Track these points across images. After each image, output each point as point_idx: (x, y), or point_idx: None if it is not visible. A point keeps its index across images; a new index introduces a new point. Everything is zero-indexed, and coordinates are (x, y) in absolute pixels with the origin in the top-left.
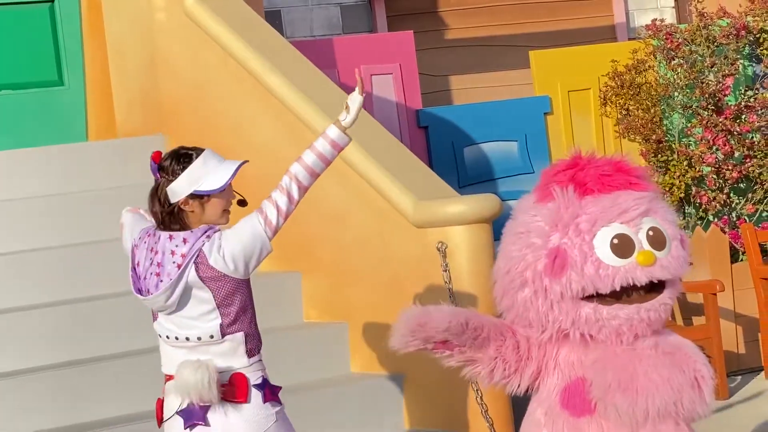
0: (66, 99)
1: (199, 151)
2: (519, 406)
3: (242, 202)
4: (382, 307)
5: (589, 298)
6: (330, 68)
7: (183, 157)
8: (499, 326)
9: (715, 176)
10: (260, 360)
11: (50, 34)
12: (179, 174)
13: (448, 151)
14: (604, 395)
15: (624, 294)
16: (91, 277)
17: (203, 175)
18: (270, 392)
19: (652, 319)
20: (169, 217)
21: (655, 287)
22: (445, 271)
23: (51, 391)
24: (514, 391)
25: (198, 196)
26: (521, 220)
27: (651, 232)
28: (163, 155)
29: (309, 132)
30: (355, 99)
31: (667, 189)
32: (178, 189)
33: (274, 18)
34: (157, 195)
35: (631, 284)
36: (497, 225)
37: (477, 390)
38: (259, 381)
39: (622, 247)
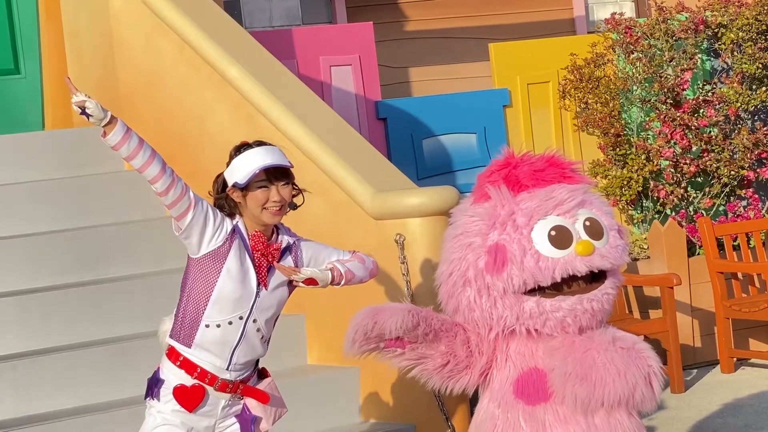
0: (22, 88)
1: (261, 144)
2: (475, 398)
3: (293, 205)
4: (339, 298)
5: (531, 292)
6: (289, 59)
7: (242, 148)
8: (449, 322)
9: (672, 170)
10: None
11: (6, 22)
12: (230, 163)
13: (406, 143)
14: (563, 384)
15: (565, 286)
16: (46, 268)
17: (242, 168)
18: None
19: (595, 310)
20: (219, 201)
21: (595, 277)
22: (403, 263)
23: (3, 382)
24: (463, 388)
25: (240, 188)
26: (459, 222)
27: (588, 223)
28: None
29: (266, 122)
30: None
31: (625, 182)
32: (227, 177)
33: (233, 8)
34: (216, 181)
35: (571, 275)
36: None
37: None
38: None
39: (560, 238)
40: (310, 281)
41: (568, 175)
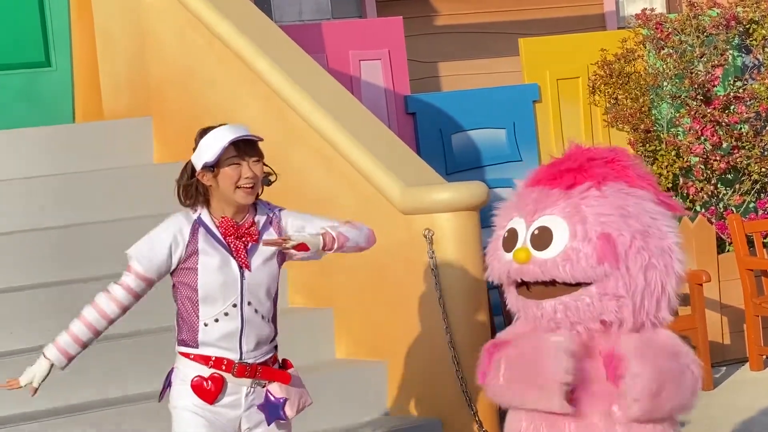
0: (53, 80)
1: (225, 125)
2: None
3: (267, 181)
4: (367, 293)
5: (521, 285)
6: (319, 53)
7: (206, 130)
8: None
9: (702, 167)
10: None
11: (38, 14)
12: (196, 147)
13: (435, 138)
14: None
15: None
16: (75, 260)
17: (210, 146)
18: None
19: (546, 317)
20: (187, 189)
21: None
22: (432, 258)
23: None
24: None
25: (210, 168)
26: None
27: (537, 231)
28: None
29: (295, 116)
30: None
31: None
32: (194, 161)
33: (262, 2)
34: (185, 168)
35: (511, 279)
36: (484, 213)
37: (461, 378)
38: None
39: (507, 241)
40: (302, 247)
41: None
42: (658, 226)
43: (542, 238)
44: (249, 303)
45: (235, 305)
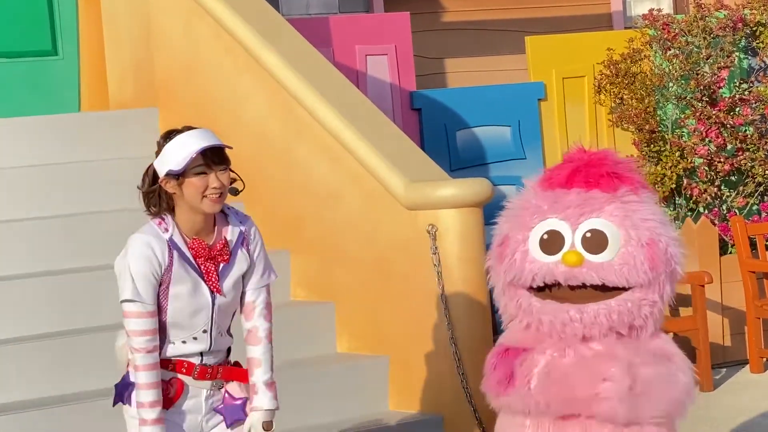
0: (60, 69)
1: (189, 129)
2: None
3: (234, 190)
4: (370, 288)
5: (538, 289)
6: (325, 47)
7: (171, 134)
8: None
9: (706, 168)
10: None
11: (45, 3)
12: (160, 151)
13: (440, 134)
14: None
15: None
16: (78, 249)
17: (176, 153)
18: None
19: (587, 322)
20: (150, 196)
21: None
22: (435, 253)
23: (34, 362)
24: None
25: (174, 176)
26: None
27: (589, 234)
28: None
29: (301, 110)
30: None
31: (659, 179)
32: (157, 166)
33: None
34: (147, 173)
35: (554, 281)
36: (488, 209)
37: (462, 374)
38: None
39: (550, 243)
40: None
41: (609, 179)
42: (672, 233)
43: (596, 242)
44: (218, 326)
45: (205, 331)
